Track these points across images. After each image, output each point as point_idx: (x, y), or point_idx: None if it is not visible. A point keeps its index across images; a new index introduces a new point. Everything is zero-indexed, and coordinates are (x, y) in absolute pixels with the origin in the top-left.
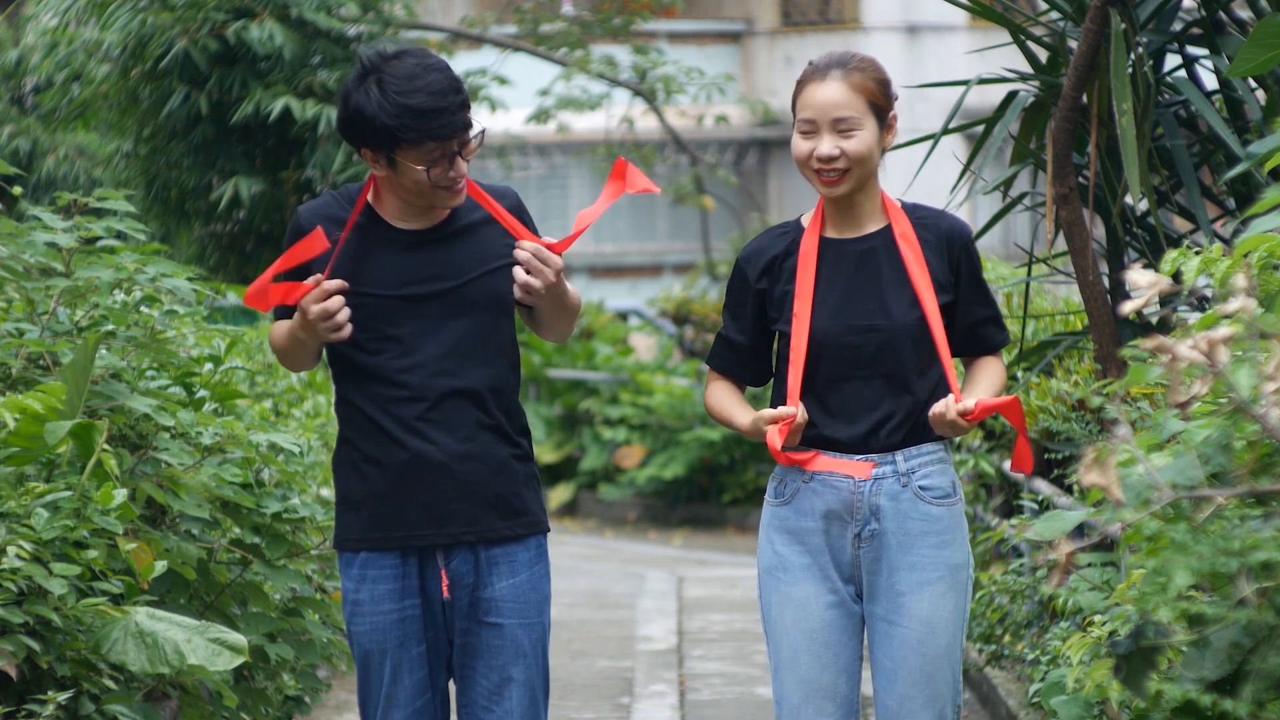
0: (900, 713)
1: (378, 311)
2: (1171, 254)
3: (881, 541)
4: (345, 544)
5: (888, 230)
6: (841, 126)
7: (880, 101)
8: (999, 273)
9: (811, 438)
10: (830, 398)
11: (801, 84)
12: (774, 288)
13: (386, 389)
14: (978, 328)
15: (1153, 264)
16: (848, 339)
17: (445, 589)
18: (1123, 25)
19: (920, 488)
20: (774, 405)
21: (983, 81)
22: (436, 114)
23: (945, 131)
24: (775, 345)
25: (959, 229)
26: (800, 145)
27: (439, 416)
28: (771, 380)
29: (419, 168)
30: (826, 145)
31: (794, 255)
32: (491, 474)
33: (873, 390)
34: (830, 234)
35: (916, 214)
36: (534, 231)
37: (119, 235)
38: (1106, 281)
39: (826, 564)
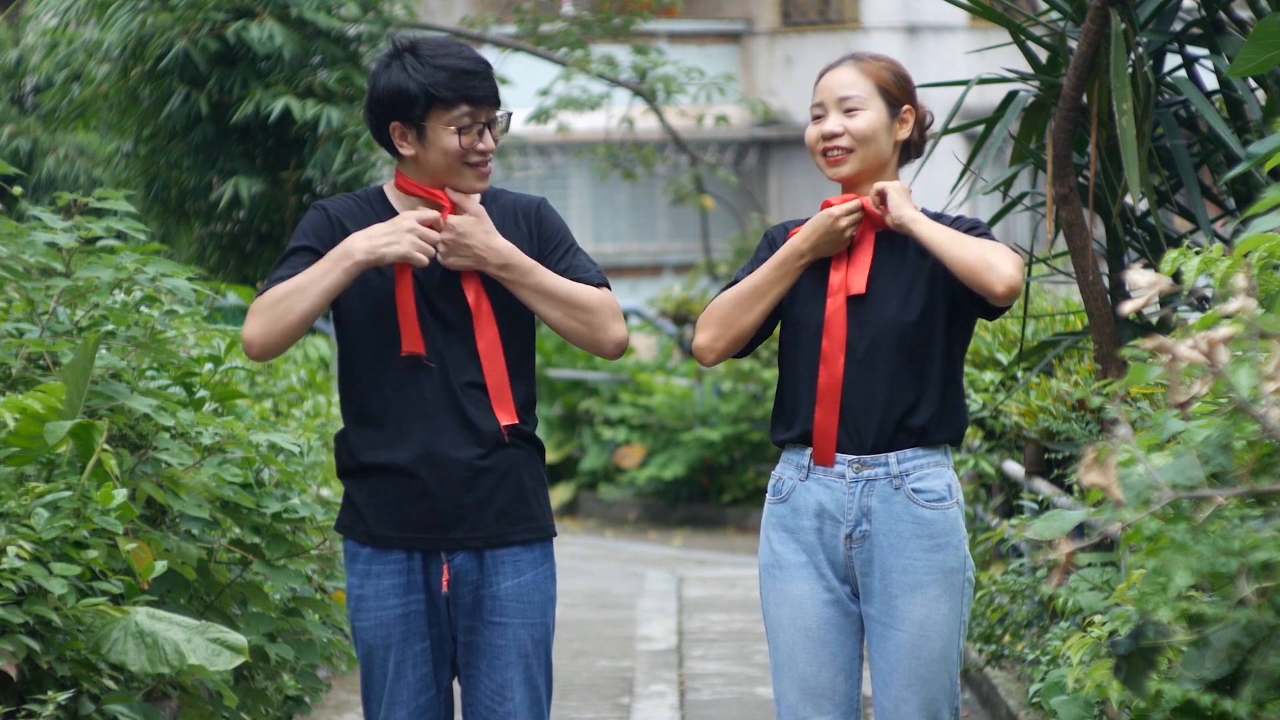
0: (896, 714)
1: (391, 308)
2: (1171, 254)
3: (872, 543)
4: (349, 531)
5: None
6: (847, 105)
7: (891, 89)
8: None
9: (804, 433)
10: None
11: (818, 79)
12: None
13: (399, 389)
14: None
15: (1153, 264)
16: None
17: (445, 584)
18: (1123, 25)
19: (913, 490)
20: (780, 399)
21: (983, 81)
22: (471, 75)
23: (945, 131)
24: (780, 330)
25: (968, 223)
26: (810, 130)
27: (449, 418)
28: (777, 373)
29: (451, 129)
30: (831, 123)
31: None
32: (500, 478)
33: (866, 388)
34: None
35: (937, 216)
36: (555, 240)
37: (119, 235)
38: (1106, 281)
39: (821, 562)
